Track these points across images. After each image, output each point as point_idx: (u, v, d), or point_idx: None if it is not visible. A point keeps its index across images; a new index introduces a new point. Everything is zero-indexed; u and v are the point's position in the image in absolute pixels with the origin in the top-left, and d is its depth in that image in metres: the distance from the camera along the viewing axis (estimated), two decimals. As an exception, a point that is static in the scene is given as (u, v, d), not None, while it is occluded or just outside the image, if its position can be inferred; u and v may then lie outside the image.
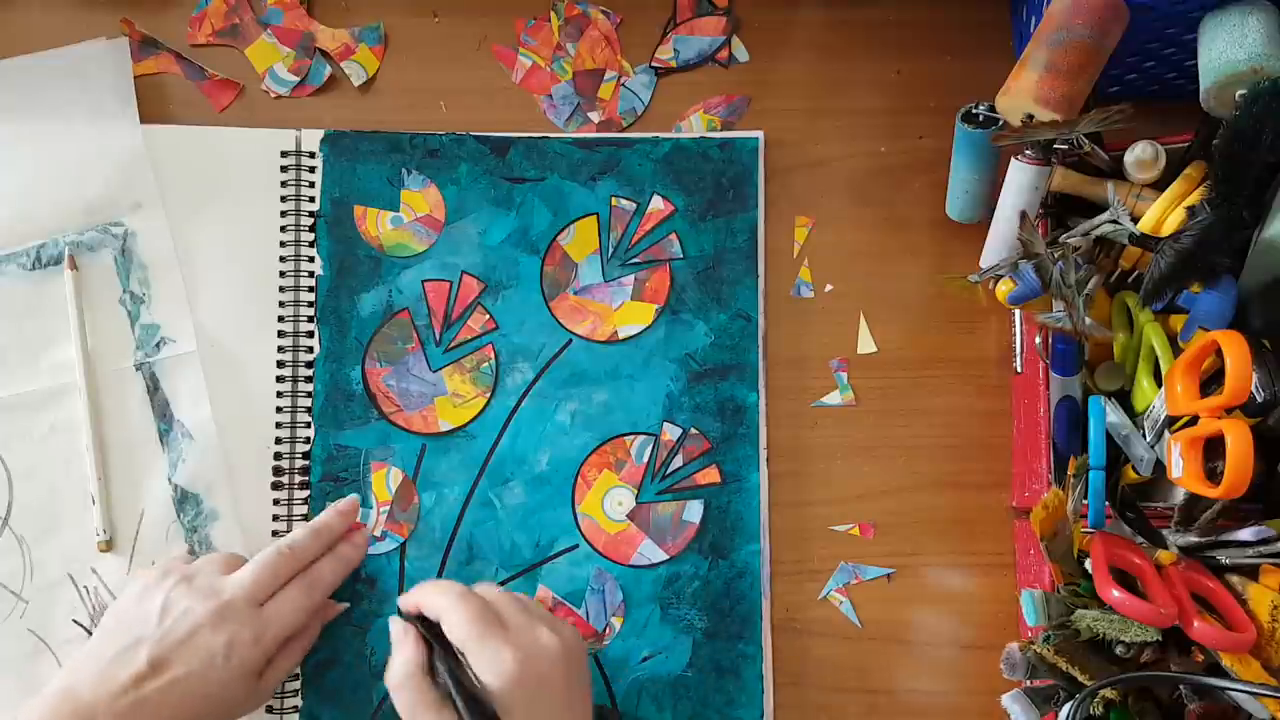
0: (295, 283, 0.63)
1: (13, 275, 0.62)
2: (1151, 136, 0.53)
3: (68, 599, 0.60)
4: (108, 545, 0.60)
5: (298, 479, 0.62)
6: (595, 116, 0.65)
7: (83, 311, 0.61)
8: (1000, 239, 0.57)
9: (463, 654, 0.50)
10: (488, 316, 0.63)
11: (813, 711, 0.61)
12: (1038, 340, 0.57)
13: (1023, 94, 0.51)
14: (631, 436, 0.62)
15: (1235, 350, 0.46)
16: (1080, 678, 0.47)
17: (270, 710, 0.59)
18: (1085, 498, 0.50)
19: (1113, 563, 0.48)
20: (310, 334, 0.63)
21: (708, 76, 0.66)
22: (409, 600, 0.53)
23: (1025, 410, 0.60)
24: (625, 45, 0.66)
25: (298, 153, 0.64)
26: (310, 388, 0.62)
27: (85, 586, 0.60)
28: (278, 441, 0.62)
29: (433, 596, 0.52)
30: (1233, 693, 0.45)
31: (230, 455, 0.61)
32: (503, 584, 0.61)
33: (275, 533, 0.61)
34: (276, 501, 0.61)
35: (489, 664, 0.49)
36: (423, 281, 0.63)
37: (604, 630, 0.60)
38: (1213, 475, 0.48)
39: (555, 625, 0.52)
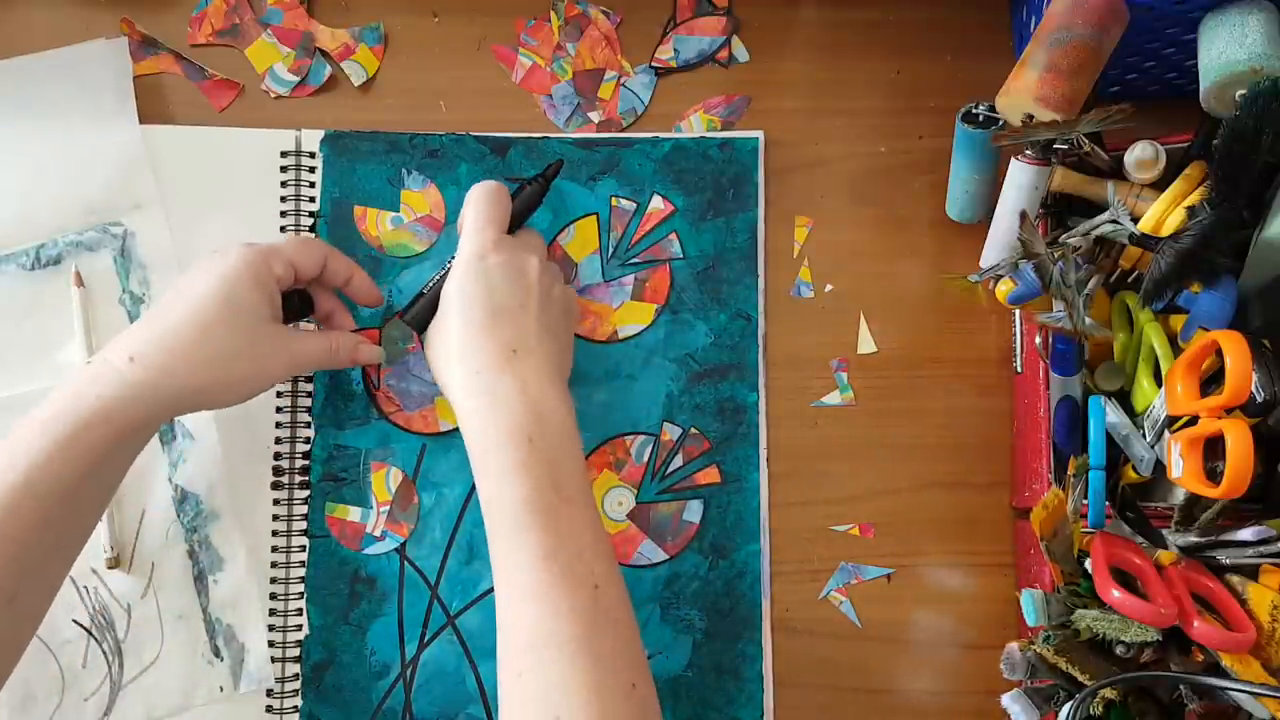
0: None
1: (13, 275, 0.62)
2: (1151, 136, 0.53)
3: (68, 599, 0.59)
4: (114, 562, 0.59)
5: (298, 479, 0.61)
6: (595, 116, 0.65)
7: (89, 326, 0.61)
8: (1000, 239, 0.57)
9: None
10: (488, 316, 0.63)
11: (813, 711, 0.61)
12: (1038, 340, 0.57)
13: (1023, 94, 0.51)
14: (631, 436, 0.62)
15: (1235, 350, 0.46)
16: (1080, 678, 0.47)
17: (270, 710, 0.59)
18: (1085, 498, 0.50)
19: (1113, 563, 0.48)
20: (310, 334, 0.63)
21: (708, 76, 0.66)
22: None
23: (1025, 410, 0.60)
24: (625, 45, 0.66)
25: (298, 153, 0.64)
26: (310, 387, 0.62)
27: (85, 587, 0.60)
28: (278, 441, 0.62)
29: (476, 186, 0.57)
30: (1233, 693, 0.45)
31: (230, 455, 0.61)
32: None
33: (275, 532, 0.61)
34: (276, 501, 0.61)
35: (468, 240, 0.55)
36: (423, 281, 0.63)
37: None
38: (1213, 475, 0.48)
39: (555, 277, 0.57)
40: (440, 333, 0.55)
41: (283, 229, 0.63)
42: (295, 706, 0.60)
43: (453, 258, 0.56)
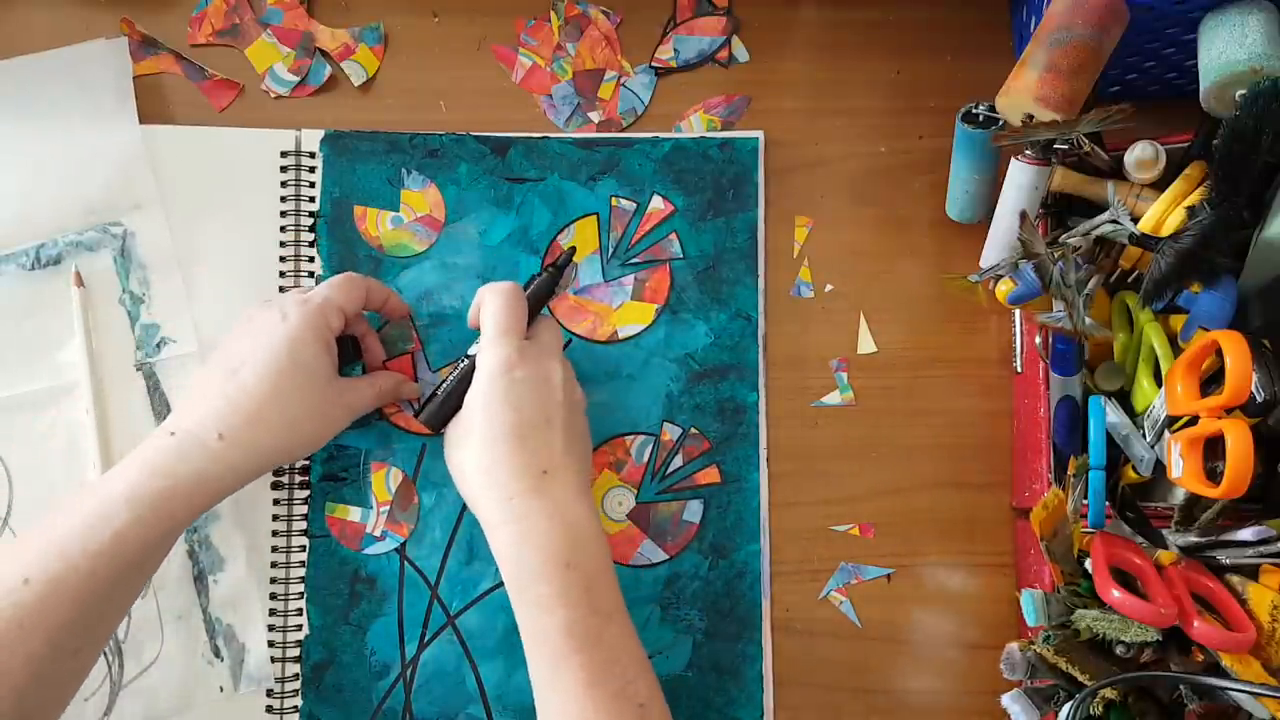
0: (295, 283, 0.63)
1: (13, 275, 0.62)
2: (1151, 136, 0.53)
3: (68, 599, 0.59)
4: None
5: (298, 479, 0.61)
6: (595, 116, 0.65)
7: (89, 326, 0.61)
8: (1000, 239, 0.57)
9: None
10: (488, 316, 0.63)
11: (813, 711, 0.61)
12: (1038, 340, 0.57)
13: (1023, 94, 0.51)
14: (631, 436, 0.62)
15: (1235, 350, 0.46)
16: (1080, 678, 0.47)
17: (270, 710, 0.59)
18: (1085, 498, 0.50)
19: (1113, 563, 0.48)
20: (310, 334, 0.63)
21: (708, 76, 0.66)
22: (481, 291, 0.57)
23: (1025, 410, 0.60)
24: (625, 45, 0.66)
25: (298, 153, 0.64)
26: (310, 388, 0.62)
27: (85, 586, 0.60)
28: (278, 441, 0.62)
29: (490, 287, 0.56)
30: (1233, 693, 0.45)
31: (230, 455, 0.61)
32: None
33: (275, 533, 0.61)
34: (276, 501, 0.61)
35: (489, 354, 0.53)
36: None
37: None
38: (1213, 475, 0.48)
39: (572, 377, 0.56)
40: (464, 447, 0.53)
41: (283, 229, 0.63)
42: (295, 706, 0.60)
43: (467, 356, 0.56)
